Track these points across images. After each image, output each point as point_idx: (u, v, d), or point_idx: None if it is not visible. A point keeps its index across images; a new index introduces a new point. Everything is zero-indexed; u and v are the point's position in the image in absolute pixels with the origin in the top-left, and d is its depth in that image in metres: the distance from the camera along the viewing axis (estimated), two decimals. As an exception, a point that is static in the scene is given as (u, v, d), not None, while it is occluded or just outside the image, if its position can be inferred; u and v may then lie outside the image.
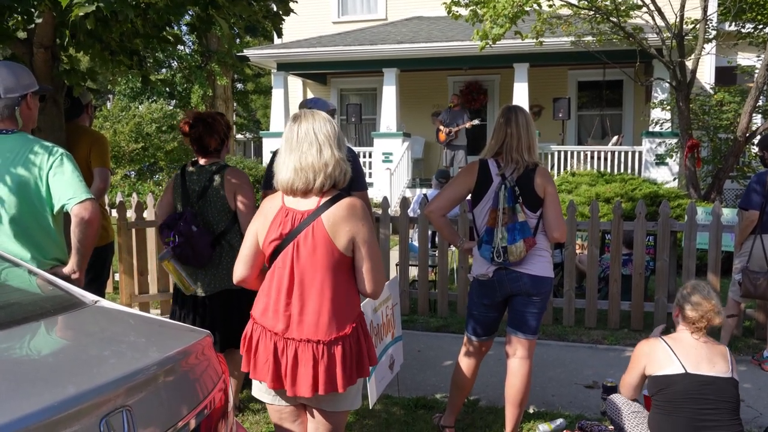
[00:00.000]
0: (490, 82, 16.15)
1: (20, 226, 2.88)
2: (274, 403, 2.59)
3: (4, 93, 2.90)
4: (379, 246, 2.58)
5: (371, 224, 2.48)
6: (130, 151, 16.48)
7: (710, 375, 3.06)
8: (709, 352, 3.13)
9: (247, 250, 2.54)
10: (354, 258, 2.45)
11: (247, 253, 2.54)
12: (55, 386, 1.65)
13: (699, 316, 3.13)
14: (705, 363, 3.08)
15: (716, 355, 3.13)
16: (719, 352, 3.16)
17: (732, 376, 3.11)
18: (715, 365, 3.09)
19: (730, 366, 3.13)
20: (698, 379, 3.05)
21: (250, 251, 2.54)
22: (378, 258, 2.50)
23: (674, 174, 12.77)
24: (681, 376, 3.07)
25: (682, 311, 3.20)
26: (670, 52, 10.41)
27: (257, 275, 2.57)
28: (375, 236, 2.49)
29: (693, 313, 3.14)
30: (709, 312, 3.12)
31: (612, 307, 6.05)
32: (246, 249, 2.55)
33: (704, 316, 3.12)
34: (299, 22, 11.27)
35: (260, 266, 2.55)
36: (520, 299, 3.51)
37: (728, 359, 3.15)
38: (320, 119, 2.48)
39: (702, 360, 3.09)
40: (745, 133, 10.08)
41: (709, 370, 3.07)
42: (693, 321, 3.15)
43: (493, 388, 4.49)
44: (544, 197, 3.45)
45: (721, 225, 5.79)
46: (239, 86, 28.86)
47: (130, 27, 4.03)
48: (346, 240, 2.40)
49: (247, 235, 2.56)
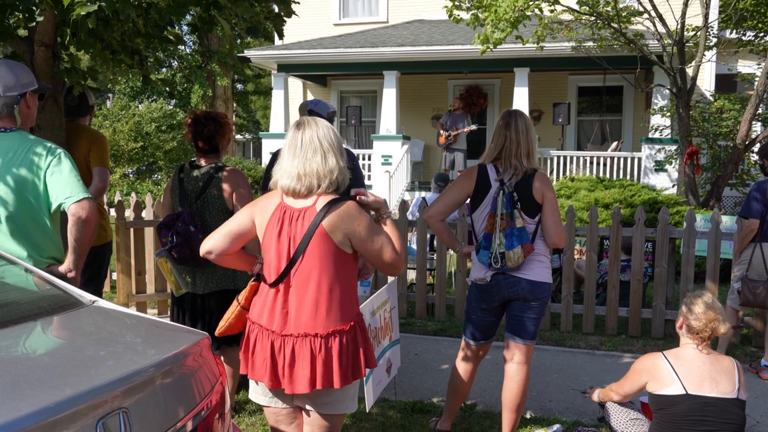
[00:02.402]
0: (490, 86, 16.16)
1: (17, 225, 2.87)
2: (271, 405, 2.59)
3: (3, 91, 2.90)
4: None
5: (367, 219, 2.48)
6: (129, 150, 16.46)
7: (712, 396, 2.96)
8: (713, 370, 3.02)
9: (236, 227, 2.53)
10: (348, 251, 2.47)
11: (236, 229, 2.53)
12: (51, 387, 1.64)
13: (703, 325, 3.04)
14: (708, 382, 2.98)
15: (721, 373, 3.02)
16: (725, 368, 3.05)
17: (737, 397, 2.99)
18: (718, 384, 2.98)
19: (736, 384, 3.02)
20: (699, 400, 2.95)
21: (239, 228, 2.53)
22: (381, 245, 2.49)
23: (673, 181, 12.77)
24: (682, 397, 2.98)
25: (686, 321, 3.12)
26: (670, 58, 10.42)
27: (233, 253, 2.56)
28: (372, 229, 2.48)
29: (697, 323, 3.05)
30: (713, 321, 3.03)
31: (610, 313, 6.05)
32: (234, 225, 2.53)
33: (708, 325, 3.04)
34: (300, 23, 11.29)
35: (239, 247, 2.56)
36: (518, 304, 3.51)
37: (735, 376, 3.04)
38: (323, 127, 2.51)
39: (705, 379, 2.99)
40: (745, 140, 10.08)
41: (711, 390, 2.97)
42: (697, 331, 3.06)
43: (490, 392, 4.48)
44: (543, 203, 3.44)
45: (720, 232, 5.79)
46: (239, 87, 28.86)
47: (131, 26, 4.02)
48: (341, 236, 2.43)
49: (240, 214, 2.56)
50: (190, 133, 3.81)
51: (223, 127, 3.82)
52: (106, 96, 26.47)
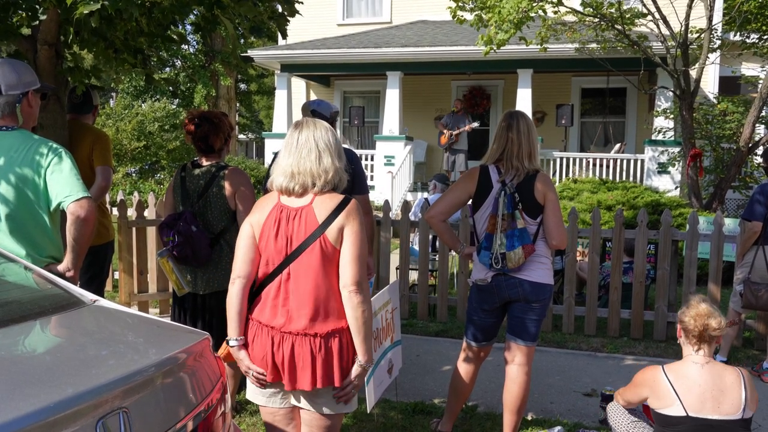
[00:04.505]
0: (493, 87, 16.15)
1: (16, 223, 2.87)
2: (268, 405, 2.60)
3: (5, 90, 2.90)
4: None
5: (362, 220, 2.50)
6: (132, 149, 16.49)
7: (714, 418, 2.83)
8: (715, 388, 2.87)
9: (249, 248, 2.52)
10: (341, 249, 2.46)
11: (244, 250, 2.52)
12: (51, 387, 1.64)
13: (694, 323, 2.95)
14: (710, 403, 2.85)
15: (724, 392, 2.86)
16: (728, 385, 2.89)
17: (742, 417, 2.84)
18: (720, 405, 2.84)
19: (741, 402, 2.86)
20: (701, 422, 2.84)
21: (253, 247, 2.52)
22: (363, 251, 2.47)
23: (676, 183, 12.76)
24: (683, 418, 2.87)
25: (681, 325, 3.05)
26: (674, 60, 10.41)
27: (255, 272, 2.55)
28: (364, 231, 2.49)
29: (689, 322, 2.98)
30: (702, 317, 2.94)
31: (612, 315, 6.04)
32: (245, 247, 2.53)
33: (698, 321, 2.94)
34: (304, 23, 11.29)
35: (258, 263, 2.54)
36: (519, 306, 3.50)
37: (740, 392, 2.88)
38: (321, 128, 2.54)
39: (707, 400, 2.85)
40: (748, 143, 10.07)
41: (713, 411, 2.84)
42: (691, 331, 2.98)
43: (491, 394, 4.48)
44: (545, 204, 3.43)
45: (722, 235, 5.78)
46: (242, 86, 28.87)
47: (134, 25, 4.02)
48: (336, 231, 2.44)
49: (242, 233, 2.56)
50: (187, 133, 3.82)
51: (218, 126, 3.79)
52: (109, 95, 26.50)
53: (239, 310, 2.50)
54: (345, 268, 2.43)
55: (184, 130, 3.83)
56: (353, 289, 2.42)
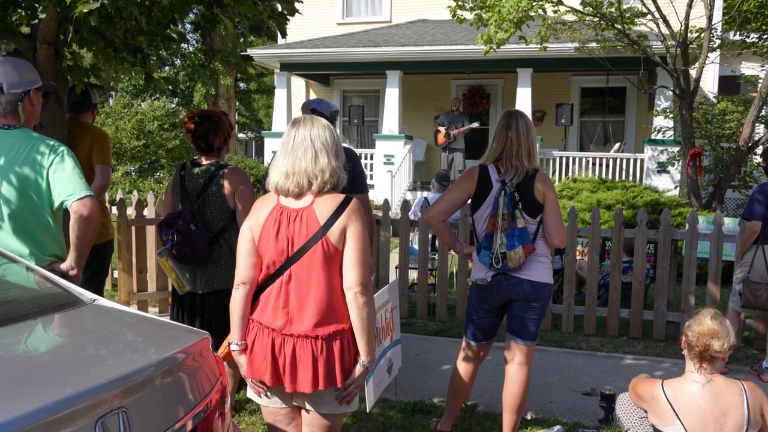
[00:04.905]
0: (493, 87, 16.15)
1: (19, 222, 2.87)
2: (269, 405, 2.58)
3: (7, 88, 2.89)
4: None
5: (363, 220, 2.48)
6: (131, 148, 16.48)
7: None
8: (717, 409, 2.75)
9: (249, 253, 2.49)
10: (343, 250, 2.45)
11: (246, 255, 2.49)
12: (50, 386, 1.64)
13: (696, 340, 2.80)
14: (711, 426, 2.73)
15: (726, 413, 2.75)
16: (731, 404, 2.76)
17: None
18: (723, 426, 2.73)
19: (743, 422, 2.74)
20: None
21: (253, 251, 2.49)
22: (366, 251, 2.47)
23: (676, 182, 12.76)
24: None
25: (685, 337, 2.89)
26: (674, 60, 10.40)
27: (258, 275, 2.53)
28: (366, 231, 2.49)
29: (690, 336, 2.84)
30: (705, 336, 2.77)
31: (611, 314, 6.04)
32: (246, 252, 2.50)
33: (700, 339, 2.79)
34: (303, 22, 11.28)
35: (260, 266, 2.51)
36: (519, 305, 3.50)
37: (743, 410, 2.75)
38: (319, 126, 2.49)
39: (708, 423, 2.74)
40: (748, 142, 10.07)
41: None
42: (692, 347, 2.83)
43: (490, 393, 4.48)
44: (544, 203, 3.43)
45: (722, 234, 5.77)
46: (242, 85, 28.86)
47: (134, 24, 4.01)
48: (338, 232, 2.41)
49: (242, 238, 2.52)
50: (187, 132, 3.81)
51: (217, 125, 3.79)
52: (108, 94, 26.49)
53: (242, 315, 2.50)
54: (350, 270, 2.42)
55: (184, 128, 3.83)
56: (359, 291, 2.40)
